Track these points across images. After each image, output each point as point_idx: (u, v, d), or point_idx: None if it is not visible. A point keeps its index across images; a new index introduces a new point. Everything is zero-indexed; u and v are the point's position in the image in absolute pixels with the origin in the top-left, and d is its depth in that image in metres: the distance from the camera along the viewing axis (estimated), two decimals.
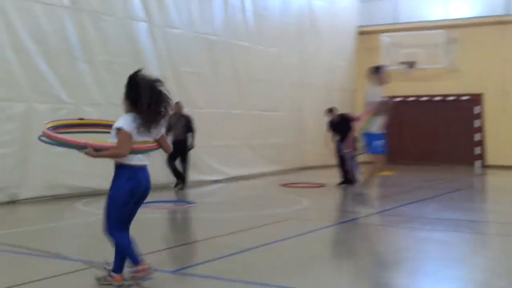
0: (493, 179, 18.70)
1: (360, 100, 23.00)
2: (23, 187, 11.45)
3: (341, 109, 22.12)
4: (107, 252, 7.46)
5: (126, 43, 13.62)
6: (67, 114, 12.20)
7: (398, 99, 22.76)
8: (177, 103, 13.45)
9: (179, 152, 13.69)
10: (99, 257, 6.87)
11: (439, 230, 9.25)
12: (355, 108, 22.78)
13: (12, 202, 11.28)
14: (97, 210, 10.89)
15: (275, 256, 7.32)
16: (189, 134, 13.95)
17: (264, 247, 7.70)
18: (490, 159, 21.49)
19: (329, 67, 21.34)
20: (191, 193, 13.62)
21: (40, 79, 11.83)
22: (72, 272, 6.29)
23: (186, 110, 15.24)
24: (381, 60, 21.80)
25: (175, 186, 13.95)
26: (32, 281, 5.89)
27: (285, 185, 15.01)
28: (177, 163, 13.99)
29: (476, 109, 21.63)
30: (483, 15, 21.40)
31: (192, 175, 15.10)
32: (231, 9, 16.77)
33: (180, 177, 14.00)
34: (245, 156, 17.18)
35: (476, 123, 21.63)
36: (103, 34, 13.07)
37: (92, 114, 12.59)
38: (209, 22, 16.04)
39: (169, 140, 12.99)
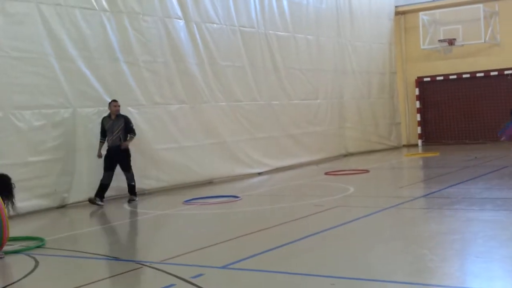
0: None
1: (400, 84, 22.90)
2: (72, 191, 11.68)
3: (381, 92, 21.97)
4: (156, 251, 7.63)
5: (165, 42, 13.76)
6: None
7: (439, 78, 22.50)
8: (111, 102, 11.87)
9: (118, 160, 11.67)
10: (148, 257, 7.02)
11: (487, 210, 9.15)
12: (395, 92, 22.56)
13: (62, 207, 11.54)
14: (142, 210, 11.09)
15: (324, 245, 7.36)
16: (129, 137, 11.77)
17: (313, 236, 7.74)
18: None
19: (367, 50, 21.11)
20: (236, 187, 13.70)
21: (83, 84, 12.01)
22: (125, 272, 6.43)
23: (228, 104, 15.34)
24: (421, 39, 21.57)
25: (90, 201, 11.45)
26: (87, 283, 6.04)
27: (329, 173, 14.98)
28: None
29: None
30: None
31: (236, 169, 15.19)
32: None
33: (100, 195, 11.48)
34: (287, 146, 17.17)
35: None
36: (142, 34, 13.24)
37: (135, 115, 12.78)
38: (245, 14, 16.05)
39: (105, 146, 11.67)
